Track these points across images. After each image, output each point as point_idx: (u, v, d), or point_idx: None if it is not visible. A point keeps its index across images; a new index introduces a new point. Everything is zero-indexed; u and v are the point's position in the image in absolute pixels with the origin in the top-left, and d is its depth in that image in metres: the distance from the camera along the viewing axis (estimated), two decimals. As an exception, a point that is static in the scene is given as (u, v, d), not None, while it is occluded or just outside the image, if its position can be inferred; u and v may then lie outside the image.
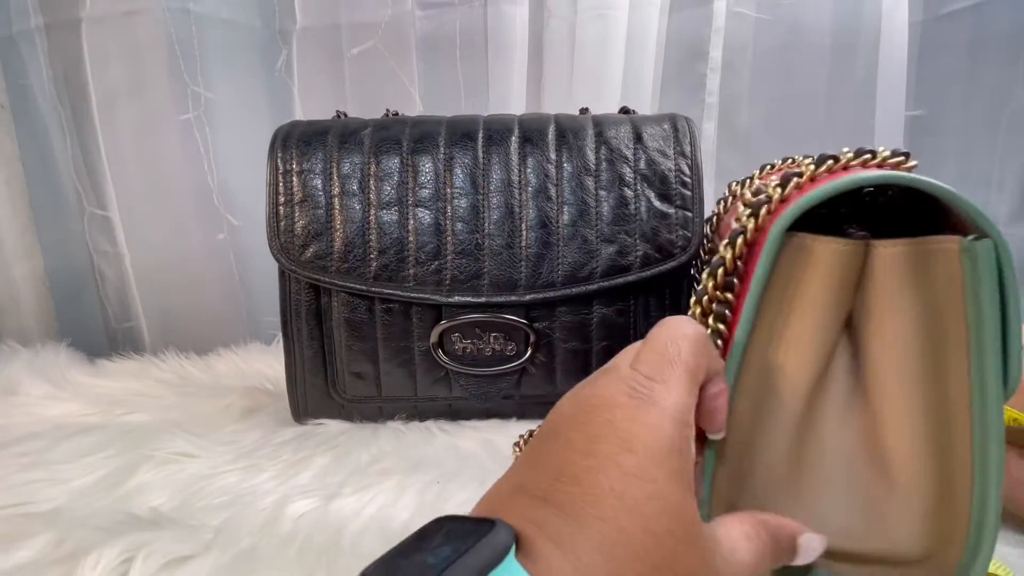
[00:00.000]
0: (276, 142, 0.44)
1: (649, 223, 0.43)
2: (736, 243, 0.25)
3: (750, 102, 0.78)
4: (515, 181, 0.43)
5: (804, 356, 0.24)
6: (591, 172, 0.43)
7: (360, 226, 0.43)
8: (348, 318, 0.43)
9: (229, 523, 0.32)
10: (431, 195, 0.43)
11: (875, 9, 0.72)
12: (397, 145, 0.44)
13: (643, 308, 0.44)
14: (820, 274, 0.24)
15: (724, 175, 0.79)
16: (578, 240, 0.43)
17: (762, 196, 0.25)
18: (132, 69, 0.62)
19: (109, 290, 0.69)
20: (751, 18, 0.75)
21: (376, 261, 0.43)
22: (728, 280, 0.25)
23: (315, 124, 0.46)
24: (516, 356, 0.43)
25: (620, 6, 0.68)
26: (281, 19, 0.67)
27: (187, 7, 0.62)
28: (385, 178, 0.43)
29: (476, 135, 0.44)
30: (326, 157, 0.44)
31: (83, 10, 0.60)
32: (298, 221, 0.43)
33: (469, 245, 0.43)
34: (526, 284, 0.42)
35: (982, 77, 0.71)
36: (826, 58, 0.75)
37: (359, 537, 0.31)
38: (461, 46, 0.69)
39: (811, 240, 0.24)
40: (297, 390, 0.46)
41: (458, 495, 0.35)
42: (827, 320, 0.24)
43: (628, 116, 0.46)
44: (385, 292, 0.42)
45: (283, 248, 0.43)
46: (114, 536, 0.30)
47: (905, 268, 0.23)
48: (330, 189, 0.43)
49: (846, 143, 0.27)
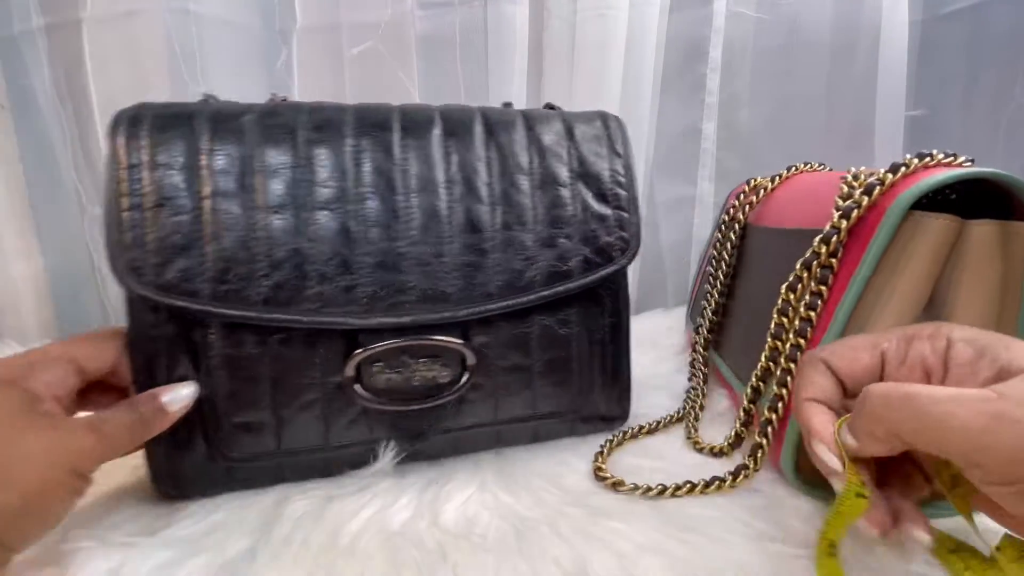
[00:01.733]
0: (118, 128, 0.33)
1: (587, 225, 0.39)
2: (851, 215, 0.30)
3: (750, 102, 0.78)
4: (440, 179, 0.37)
5: (903, 322, 0.29)
6: (524, 170, 0.39)
7: (242, 235, 0.33)
8: (230, 356, 0.33)
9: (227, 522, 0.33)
10: (335, 195, 0.35)
11: (875, 9, 0.72)
12: (290, 135, 0.35)
13: (584, 316, 0.40)
14: (928, 246, 0.29)
15: (724, 175, 0.79)
16: (515, 245, 0.37)
17: (873, 179, 0.30)
18: (133, 69, 0.62)
19: (109, 290, 0.69)
20: (751, 18, 0.75)
21: (267, 280, 0.33)
22: (837, 247, 0.31)
23: (173, 107, 0.35)
24: (451, 383, 0.37)
25: (620, 6, 0.68)
26: (281, 19, 0.67)
27: (187, 7, 0.62)
28: (274, 175, 0.34)
29: (390, 125, 0.37)
30: (191, 148, 0.33)
31: (84, 11, 0.60)
32: (153, 231, 0.32)
33: (389, 255, 0.35)
34: (460, 298, 0.36)
35: (982, 77, 0.71)
36: (826, 58, 0.75)
37: (357, 537, 0.31)
38: (461, 46, 0.69)
39: (920, 216, 0.29)
40: (160, 456, 0.34)
41: (457, 495, 0.35)
42: (925, 286, 0.29)
43: (557, 112, 0.43)
44: (282, 319, 0.33)
45: (131, 267, 0.32)
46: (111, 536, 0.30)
47: (994, 244, 0.28)
48: (198, 188, 0.33)
49: (846, 143, 0.30)
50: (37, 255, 0.67)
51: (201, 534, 0.31)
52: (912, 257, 0.29)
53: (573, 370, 0.39)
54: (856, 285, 0.30)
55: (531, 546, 0.30)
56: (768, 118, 0.78)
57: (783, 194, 0.44)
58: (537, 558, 0.29)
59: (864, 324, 0.30)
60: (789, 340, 0.33)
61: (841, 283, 0.31)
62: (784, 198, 0.43)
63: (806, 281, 0.33)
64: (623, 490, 0.35)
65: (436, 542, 0.30)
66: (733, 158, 0.79)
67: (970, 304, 0.29)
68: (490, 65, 0.69)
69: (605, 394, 0.42)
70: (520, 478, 0.36)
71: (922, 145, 0.32)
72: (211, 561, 0.29)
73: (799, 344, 0.33)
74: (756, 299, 0.42)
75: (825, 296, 0.32)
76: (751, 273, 0.45)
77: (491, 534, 0.31)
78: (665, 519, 0.32)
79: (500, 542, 0.30)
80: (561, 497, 0.34)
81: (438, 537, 0.31)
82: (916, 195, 0.28)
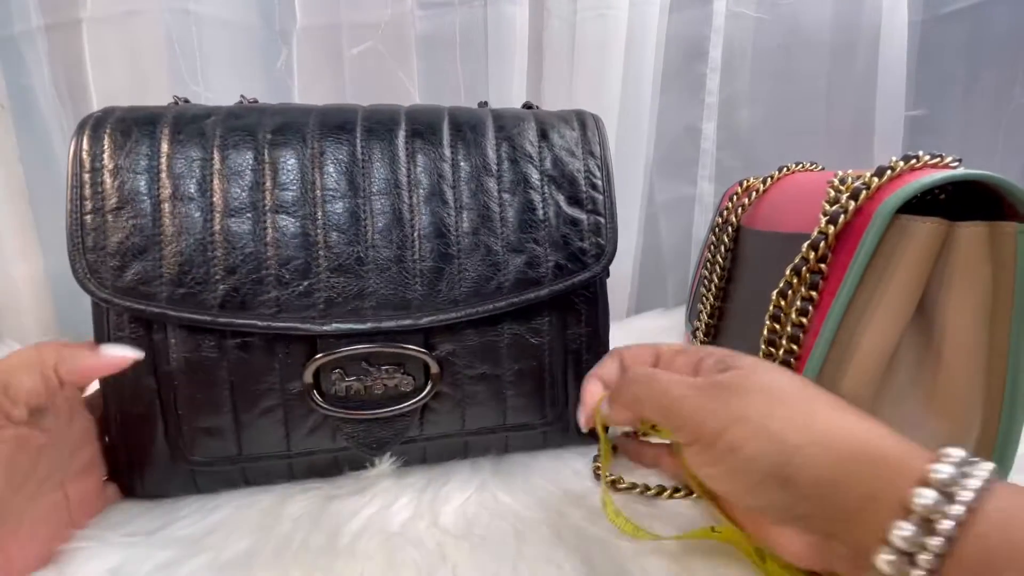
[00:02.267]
0: (83, 131, 0.34)
1: (559, 230, 0.37)
2: (838, 221, 0.30)
3: (750, 102, 0.78)
4: (403, 182, 0.36)
5: (895, 325, 0.29)
6: (492, 173, 0.37)
7: (200, 238, 0.33)
8: (189, 359, 0.33)
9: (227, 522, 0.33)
10: (296, 198, 0.34)
11: (875, 9, 0.72)
12: (250, 137, 0.35)
13: (558, 325, 0.38)
14: (916, 250, 0.28)
15: (724, 175, 0.79)
16: (481, 250, 0.36)
17: (859, 183, 0.30)
18: (132, 69, 0.62)
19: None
20: (751, 18, 0.75)
21: (223, 283, 0.33)
22: (825, 253, 0.31)
23: (139, 110, 0.36)
24: (414, 392, 0.36)
25: (620, 6, 0.68)
26: (281, 19, 0.67)
27: (187, 7, 0.62)
28: (234, 177, 0.34)
29: (353, 127, 0.36)
30: (152, 151, 0.34)
31: (84, 10, 0.61)
32: (112, 234, 0.32)
33: (348, 259, 0.34)
34: (422, 304, 0.35)
35: (982, 77, 0.71)
36: (826, 58, 0.75)
37: (357, 537, 0.31)
38: (461, 46, 0.69)
39: (907, 220, 0.29)
40: (127, 457, 0.34)
41: (457, 495, 0.35)
42: (915, 290, 0.29)
43: (532, 111, 0.41)
44: (237, 323, 0.33)
45: (92, 270, 0.32)
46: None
47: (983, 246, 0.28)
48: (157, 191, 0.33)
49: (846, 143, 0.30)
50: (37, 255, 0.67)
51: (201, 534, 0.31)
52: (900, 261, 0.29)
53: (546, 381, 0.38)
54: (845, 291, 0.30)
55: (531, 546, 0.30)
56: (768, 118, 0.78)
57: (774, 196, 0.44)
58: (537, 558, 0.29)
59: (855, 329, 0.30)
60: (783, 346, 0.33)
61: (831, 288, 0.31)
62: (775, 200, 0.43)
63: (796, 287, 0.32)
64: (622, 487, 0.35)
65: (436, 542, 0.30)
66: (733, 158, 0.79)
67: (962, 305, 0.29)
68: (490, 65, 0.68)
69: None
70: (520, 478, 0.36)
71: (922, 145, 0.32)
72: (211, 561, 0.29)
73: (792, 350, 0.32)
74: (750, 303, 0.42)
75: (816, 301, 0.32)
76: (744, 277, 0.45)
77: (491, 534, 0.31)
78: (664, 520, 0.32)
79: (500, 542, 0.30)
80: (561, 497, 0.34)
81: (438, 537, 0.31)
82: (901, 200, 0.28)
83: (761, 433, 0.23)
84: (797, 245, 0.32)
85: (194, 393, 0.34)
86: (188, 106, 0.37)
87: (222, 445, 0.34)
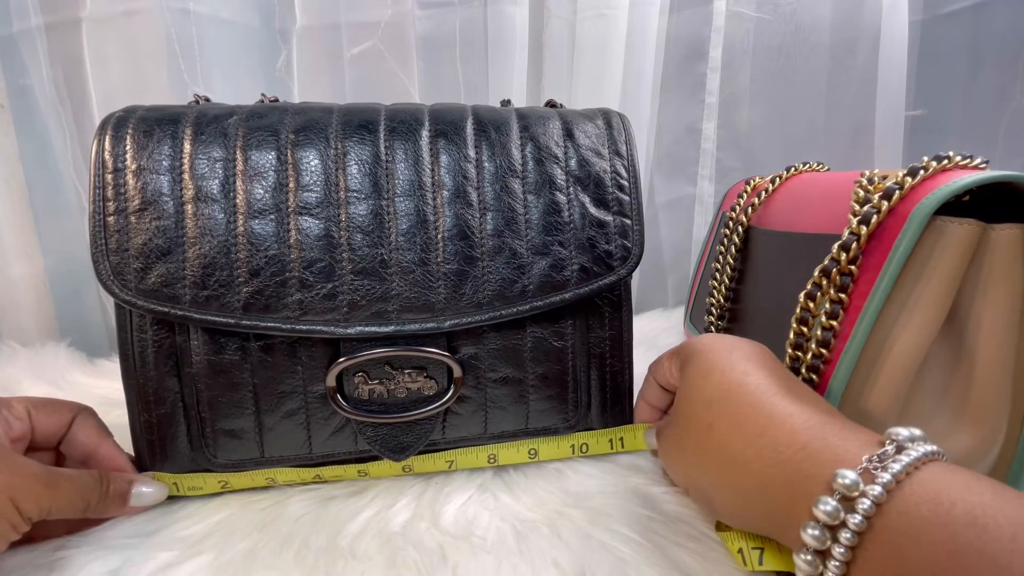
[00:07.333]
0: (104, 131, 0.34)
1: (585, 232, 0.37)
2: (870, 221, 0.29)
3: (750, 102, 0.78)
4: (427, 183, 0.35)
5: (928, 329, 0.29)
6: (517, 173, 0.37)
7: (223, 240, 0.33)
8: (212, 361, 0.33)
9: (227, 522, 0.33)
10: (319, 199, 0.34)
11: (875, 9, 0.72)
12: (273, 137, 0.34)
13: (582, 329, 0.38)
14: (952, 253, 0.28)
15: (724, 175, 0.79)
16: (505, 253, 0.35)
17: (891, 183, 0.29)
18: (132, 69, 0.62)
19: (109, 290, 0.69)
20: (751, 18, 0.75)
21: (247, 286, 0.32)
22: (856, 254, 0.30)
23: (160, 109, 0.35)
24: (437, 395, 0.35)
25: (620, 6, 0.68)
26: (281, 19, 0.67)
27: (187, 7, 0.62)
28: (257, 178, 0.34)
29: (376, 126, 0.36)
30: (175, 151, 0.33)
31: (83, 10, 0.61)
32: (136, 236, 0.32)
33: (372, 261, 0.34)
34: (445, 307, 0.34)
35: (982, 77, 0.71)
36: (826, 58, 0.75)
37: (357, 538, 0.31)
38: (461, 46, 0.69)
39: (944, 222, 0.28)
40: (150, 457, 0.35)
41: (457, 496, 0.35)
42: (949, 292, 0.29)
43: (556, 110, 0.40)
44: (261, 326, 0.33)
45: (116, 272, 0.32)
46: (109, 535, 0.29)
47: (1017, 248, 0.28)
48: (180, 192, 0.33)
49: (846, 143, 0.29)
50: (37, 255, 0.67)
51: (201, 534, 0.31)
52: (936, 264, 0.28)
53: (569, 385, 0.38)
54: (879, 294, 0.29)
55: (531, 547, 0.30)
56: (768, 118, 0.78)
57: (786, 195, 0.44)
58: (537, 560, 0.29)
59: (888, 333, 0.29)
60: (811, 350, 0.32)
61: (862, 291, 0.30)
62: (788, 200, 0.43)
63: (825, 288, 0.31)
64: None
65: (436, 543, 0.30)
66: (733, 158, 0.79)
67: (996, 309, 0.28)
68: (490, 65, 0.68)
69: (604, 411, 0.39)
70: (520, 479, 0.36)
71: (922, 145, 0.32)
72: (211, 561, 0.29)
73: (821, 355, 0.31)
74: (767, 304, 0.41)
75: (846, 304, 0.31)
76: (758, 278, 0.44)
77: (491, 535, 0.31)
78: (665, 523, 0.32)
79: (500, 543, 0.30)
80: (561, 499, 0.34)
81: (438, 538, 0.31)
82: (939, 201, 0.27)
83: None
84: (821, 245, 0.32)
85: (217, 395, 0.34)
86: (209, 105, 0.37)
87: (245, 447, 0.35)
